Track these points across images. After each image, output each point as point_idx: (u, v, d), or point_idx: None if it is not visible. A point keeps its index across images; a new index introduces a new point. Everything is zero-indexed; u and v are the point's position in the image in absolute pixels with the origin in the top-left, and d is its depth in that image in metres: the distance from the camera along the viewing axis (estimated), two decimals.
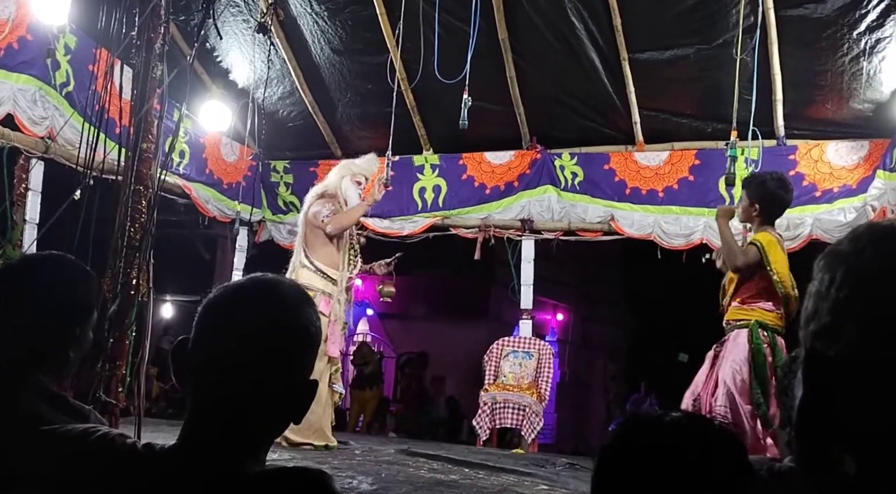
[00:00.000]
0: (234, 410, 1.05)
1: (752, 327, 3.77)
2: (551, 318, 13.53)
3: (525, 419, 6.21)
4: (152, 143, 3.16)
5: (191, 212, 7.11)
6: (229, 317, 1.08)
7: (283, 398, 1.07)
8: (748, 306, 3.85)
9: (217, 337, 1.07)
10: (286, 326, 1.08)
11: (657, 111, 6.40)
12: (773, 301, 3.82)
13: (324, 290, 4.80)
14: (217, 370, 1.06)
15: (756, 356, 3.73)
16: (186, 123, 6.53)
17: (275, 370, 1.06)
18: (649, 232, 6.42)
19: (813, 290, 0.70)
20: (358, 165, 5.22)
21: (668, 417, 0.94)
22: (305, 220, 4.98)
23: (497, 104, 6.61)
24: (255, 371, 1.05)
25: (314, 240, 4.93)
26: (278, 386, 1.06)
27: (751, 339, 3.76)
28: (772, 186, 3.89)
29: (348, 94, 6.98)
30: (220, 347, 1.06)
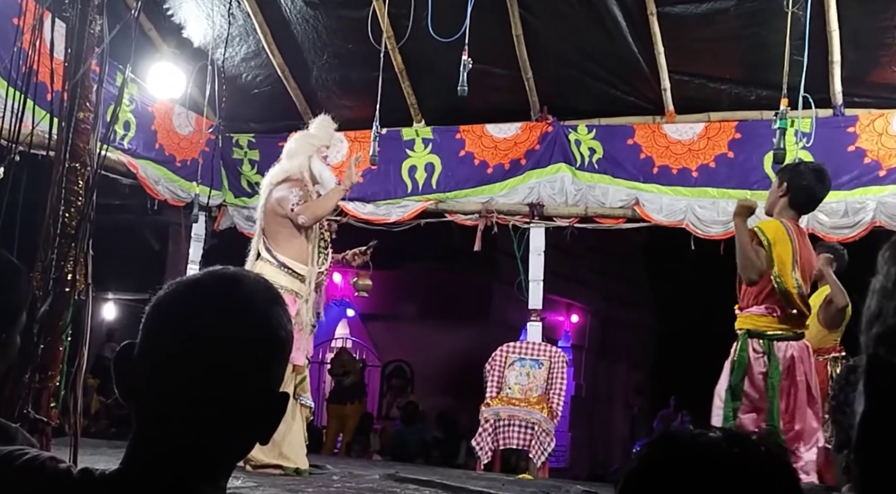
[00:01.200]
0: (189, 429, 1.04)
1: (742, 337, 4.06)
2: (564, 320, 13.55)
3: (534, 439, 6.22)
4: (90, 112, 3.14)
5: (137, 194, 7.09)
6: (183, 319, 1.07)
7: (248, 415, 1.06)
8: (744, 313, 4.13)
9: (169, 343, 1.06)
10: (252, 329, 1.07)
11: (690, 75, 6.39)
12: (769, 301, 4.04)
13: (289, 288, 4.81)
14: (168, 381, 1.05)
15: (736, 370, 4.02)
16: (132, 88, 6.49)
17: (238, 382, 1.05)
18: (681, 219, 6.42)
19: (877, 286, 0.68)
20: (317, 137, 5.19)
21: (705, 437, 0.93)
22: (266, 208, 4.98)
23: (501, 68, 6.59)
24: (214, 383, 1.04)
25: (277, 231, 4.94)
26: (243, 400, 1.06)
27: (736, 349, 4.06)
28: (807, 173, 4.10)
29: (325, 55, 6.95)
30: (173, 354, 1.05)
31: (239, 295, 1.09)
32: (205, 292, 1.10)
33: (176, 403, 1.04)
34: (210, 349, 1.04)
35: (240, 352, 1.06)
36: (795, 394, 3.97)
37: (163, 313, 1.09)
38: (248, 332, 1.07)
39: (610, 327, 14.45)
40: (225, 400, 1.05)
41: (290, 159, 5.10)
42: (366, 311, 11.57)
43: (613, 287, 14.26)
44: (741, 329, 4.11)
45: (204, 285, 1.11)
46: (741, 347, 4.05)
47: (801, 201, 4.11)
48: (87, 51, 3.14)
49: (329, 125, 5.27)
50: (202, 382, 1.04)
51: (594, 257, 13.26)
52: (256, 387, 1.07)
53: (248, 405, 1.06)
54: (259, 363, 1.07)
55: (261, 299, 1.10)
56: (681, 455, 0.92)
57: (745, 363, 4.01)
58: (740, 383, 4.00)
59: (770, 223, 4.06)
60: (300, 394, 4.92)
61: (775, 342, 4.01)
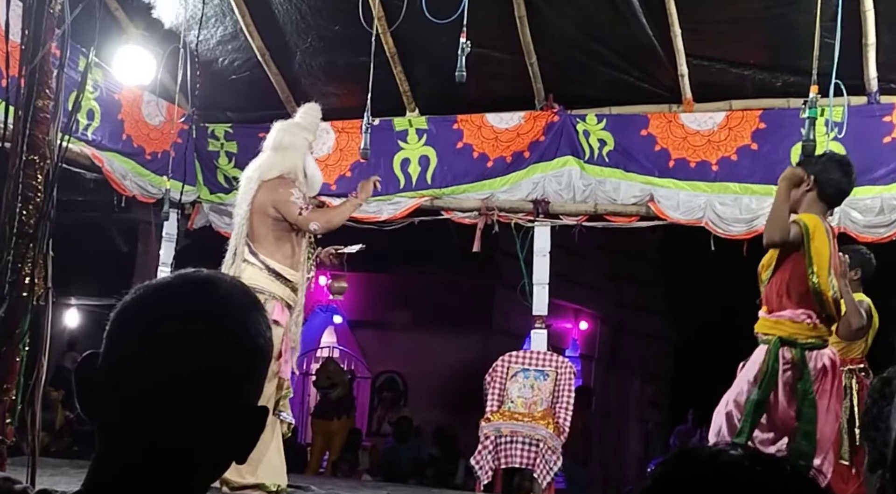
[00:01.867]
0: (158, 447, 1.04)
1: (773, 345, 4.00)
2: (572, 327, 13.57)
3: (539, 458, 6.23)
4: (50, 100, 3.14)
5: (103, 190, 7.08)
6: (152, 326, 1.07)
7: (223, 431, 1.06)
8: (773, 317, 4.08)
9: (135, 353, 1.06)
10: (228, 337, 1.07)
11: (710, 60, 6.39)
12: (805, 304, 4.01)
13: (279, 295, 4.83)
14: (135, 395, 1.05)
15: (767, 381, 3.97)
16: (96, 74, 6.48)
17: (213, 395, 1.05)
18: (699, 216, 6.43)
19: None
20: (309, 130, 5.22)
21: (725, 455, 0.93)
22: (254, 206, 4.96)
23: (502, 52, 6.59)
24: (186, 397, 1.04)
25: (265, 233, 4.92)
26: (217, 415, 1.05)
27: (766, 361, 3.99)
28: (833, 165, 4.13)
29: (309, 38, 6.94)
30: (140, 365, 1.05)
31: (214, 300, 1.09)
32: (176, 296, 1.10)
33: (143, 418, 1.04)
34: (181, 358, 1.04)
35: (214, 362, 1.05)
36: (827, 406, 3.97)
37: (129, 320, 1.09)
38: (224, 340, 1.06)
39: (622, 334, 14.47)
40: (198, 415, 1.04)
41: (282, 154, 5.08)
42: (354, 317, 11.58)
43: (626, 291, 14.28)
44: (769, 335, 4.06)
45: (175, 289, 1.11)
46: (773, 356, 3.98)
47: (830, 195, 4.12)
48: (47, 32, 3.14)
49: (317, 114, 5.29)
50: (172, 395, 1.03)
51: (604, 259, 13.28)
52: (232, 401, 1.06)
53: (223, 421, 1.05)
54: (235, 375, 1.07)
55: (238, 304, 1.10)
56: (699, 473, 0.92)
57: (777, 374, 3.97)
58: (768, 395, 3.96)
59: (809, 216, 4.03)
60: (281, 410, 4.92)
61: (807, 352, 3.98)
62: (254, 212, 4.94)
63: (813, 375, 3.96)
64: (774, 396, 3.99)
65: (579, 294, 12.75)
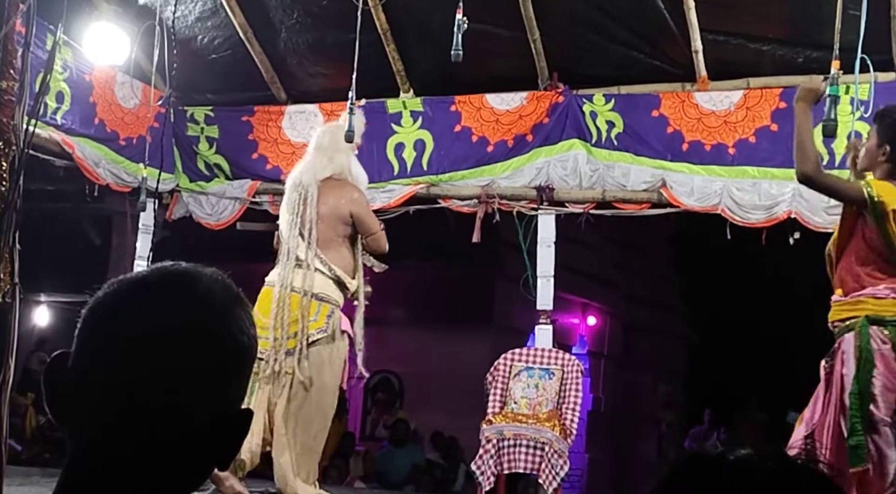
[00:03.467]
0: (134, 454, 1.04)
1: (861, 325, 3.83)
2: (580, 323, 13.61)
3: (544, 462, 6.24)
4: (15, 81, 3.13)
5: (74, 178, 7.07)
6: (126, 323, 1.07)
7: (204, 436, 1.06)
8: (852, 298, 3.92)
9: (109, 352, 1.06)
10: (208, 334, 1.07)
11: (727, 35, 6.39)
12: (886, 278, 3.88)
13: (340, 303, 5.20)
14: (108, 397, 1.04)
15: (863, 366, 3.79)
16: (66, 53, 6.46)
17: (193, 397, 1.05)
18: (715, 203, 6.43)
19: None
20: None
21: (735, 455, 0.93)
22: (328, 210, 5.18)
23: (503, 28, 6.59)
24: (164, 399, 1.04)
25: (332, 237, 5.20)
26: (198, 419, 1.05)
27: (858, 345, 3.82)
28: None
29: (295, 14, 6.94)
30: (113, 365, 1.05)
31: (193, 295, 1.09)
32: (152, 292, 1.10)
33: (117, 422, 1.04)
34: (157, 358, 1.04)
35: (193, 362, 1.05)
36: None
37: (102, 317, 1.08)
38: (204, 338, 1.06)
39: (633, 330, 14.51)
40: (176, 419, 1.04)
41: (329, 154, 5.33)
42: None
43: (636, 284, 14.31)
44: (853, 318, 3.89)
45: (151, 283, 1.11)
46: (864, 338, 3.81)
47: None
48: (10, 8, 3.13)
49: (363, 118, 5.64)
50: (148, 398, 1.03)
51: (614, 250, 13.31)
52: (213, 403, 1.06)
53: (203, 425, 1.05)
54: (216, 375, 1.07)
55: (219, 299, 1.10)
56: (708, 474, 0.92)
57: (873, 356, 3.78)
58: (869, 381, 3.76)
59: (881, 183, 3.92)
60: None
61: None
62: (322, 216, 5.16)
63: None
64: (886, 381, 3.79)
65: (587, 288, 12.77)
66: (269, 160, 7.46)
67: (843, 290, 3.98)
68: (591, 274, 12.61)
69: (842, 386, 3.86)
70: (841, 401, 3.84)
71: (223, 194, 7.57)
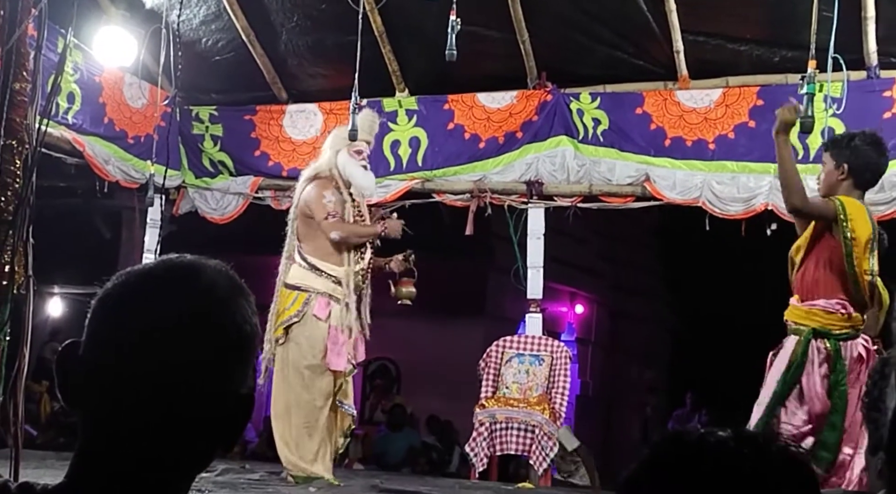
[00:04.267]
0: (141, 436, 1.04)
1: (804, 337, 3.97)
2: (568, 311, 13.60)
3: (534, 444, 6.25)
4: (27, 82, 3.11)
5: (85, 176, 7.05)
6: (134, 313, 1.07)
7: (207, 420, 1.06)
8: (806, 306, 4.04)
9: (117, 341, 1.06)
10: (212, 324, 1.07)
11: (707, 35, 6.38)
12: (840, 293, 3.98)
13: (322, 290, 5.14)
14: (117, 384, 1.05)
15: (792, 371, 3.94)
16: (76, 56, 6.44)
17: (197, 383, 1.05)
18: (696, 196, 6.43)
19: None
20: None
21: (714, 437, 0.94)
22: (299, 205, 5.31)
23: (494, 30, 6.57)
24: (169, 385, 1.04)
25: (306, 231, 5.28)
26: (202, 404, 1.06)
27: (795, 351, 3.96)
28: (865, 149, 4.09)
29: (295, 17, 6.92)
30: (122, 353, 1.05)
31: (197, 286, 1.09)
32: (158, 283, 1.10)
33: (126, 407, 1.04)
34: (164, 346, 1.04)
35: (198, 349, 1.05)
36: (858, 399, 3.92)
37: (110, 307, 1.08)
38: (208, 326, 1.06)
39: (619, 318, 14.51)
40: (182, 403, 1.04)
41: (323, 155, 5.44)
42: None
43: (622, 274, 14.32)
44: (801, 325, 4.02)
45: (157, 275, 1.11)
46: (802, 347, 3.94)
47: (866, 180, 4.12)
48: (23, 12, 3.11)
49: (371, 118, 5.57)
50: (155, 383, 1.03)
51: (600, 241, 13.30)
52: (217, 389, 1.07)
53: (207, 409, 1.06)
54: (220, 362, 1.07)
55: (222, 290, 1.10)
56: (685, 456, 0.93)
57: (804, 365, 3.93)
58: (792, 386, 3.93)
59: (849, 200, 4.01)
60: (340, 400, 5.26)
61: (842, 343, 3.95)
62: (298, 212, 5.31)
63: (848, 365, 3.92)
64: (810, 388, 3.94)
65: (575, 278, 12.76)
66: (271, 157, 7.45)
67: (799, 296, 4.08)
68: (579, 265, 12.60)
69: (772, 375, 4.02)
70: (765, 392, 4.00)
71: (227, 190, 7.56)
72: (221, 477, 5.19)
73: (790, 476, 0.91)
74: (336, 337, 5.13)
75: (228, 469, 5.48)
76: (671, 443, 0.96)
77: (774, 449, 0.94)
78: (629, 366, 14.96)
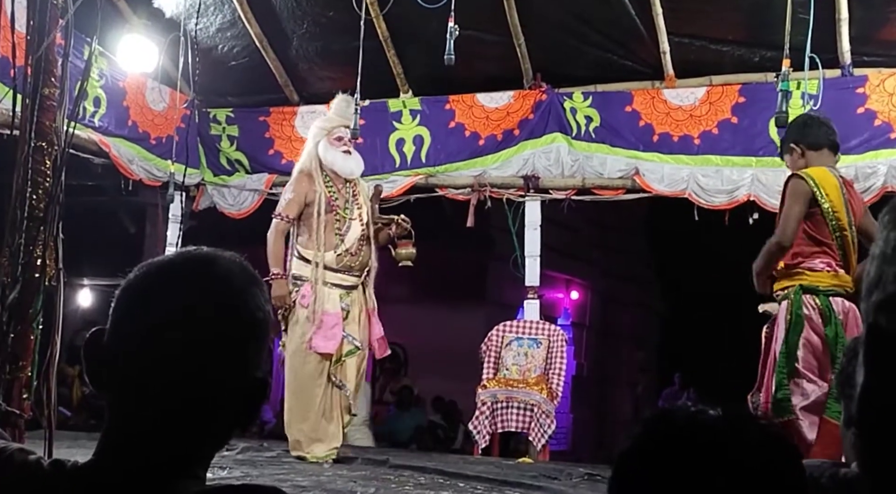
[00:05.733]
0: (163, 417, 1.05)
1: (794, 293, 3.82)
2: (564, 297, 13.60)
3: (533, 422, 6.26)
4: (56, 88, 3.11)
5: (111, 175, 7.06)
6: (155, 302, 1.07)
7: (224, 401, 1.06)
8: (792, 270, 3.91)
9: (139, 327, 1.07)
10: (227, 311, 1.07)
11: (691, 37, 6.36)
12: (826, 254, 3.87)
13: (307, 277, 5.10)
14: (140, 367, 1.05)
15: (792, 329, 3.78)
16: (101, 62, 6.45)
17: (214, 367, 1.06)
18: (683, 188, 6.43)
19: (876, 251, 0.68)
20: (329, 119, 5.41)
21: (702, 415, 0.94)
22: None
23: (491, 34, 6.56)
24: (188, 369, 1.05)
25: (303, 222, 5.25)
26: (218, 386, 1.06)
27: (790, 308, 3.80)
28: (800, 119, 4.14)
29: (304, 24, 6.91)
30: (144, 339, 1.05)
31: (213, 276, 1.09)
32: (177, 273, 1.10)
33: (148, 389, 1.05)
34: (182, 332, 1.04)
35: (215, 335, 1.06)
36: None
37: (133, 296, 1.09)
38: (223, 314, 1.07)
39: (612, 303, 14.51)
40: (199, 386, 1.05)
41: (304, 151, 5.39)
42: None
43: (614, 262, 14.30)
44: (789, 286, 3.87)
45: (176, 266, 1.11)
46: (795, 304, 3.78)
47: (813, 142, 4.02)
48: (51, 22, 3.10)
49: (346, 104, 5.47)
50: (175, 367, 1.04)
51: (593, 231, 13.29)
52: (232, 372, 1.07)
53: (223, 391, 1.06)
54: (235, 346, 1.07)
55: (237, 279, 1.10)
56: (676, 435, 0.93)
57: (803, 320, 3.77)
58: (796, 343, 3.75)
59: (814, 170, 3.92)
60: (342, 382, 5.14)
61: (832, 299, 3.79)
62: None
63: (841, 320, 3.75)
64: (810, 346, 3.78)
65: (570, 266, 12.76)
66: (284, 156, 7.44)
67: (783, 263, 3.96)
68: (574, 254, 12.59)
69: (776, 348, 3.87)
70: (774, 360, 3.85)
71: (243, 187, 7.56)
72: (241, 455, 5.21)
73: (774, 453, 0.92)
74: (324, 321, 5.03)
75: (248, 448, 5.50)
76: (661, 420, 0.96)
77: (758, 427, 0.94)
78: (621, 348, 14.96)
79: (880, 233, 0.69)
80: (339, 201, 5.27)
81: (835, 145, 4.09)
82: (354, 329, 5.18)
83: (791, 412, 3.71)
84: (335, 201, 5.24)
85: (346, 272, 5.19)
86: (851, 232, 3.90)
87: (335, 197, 5.25)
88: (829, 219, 3.85)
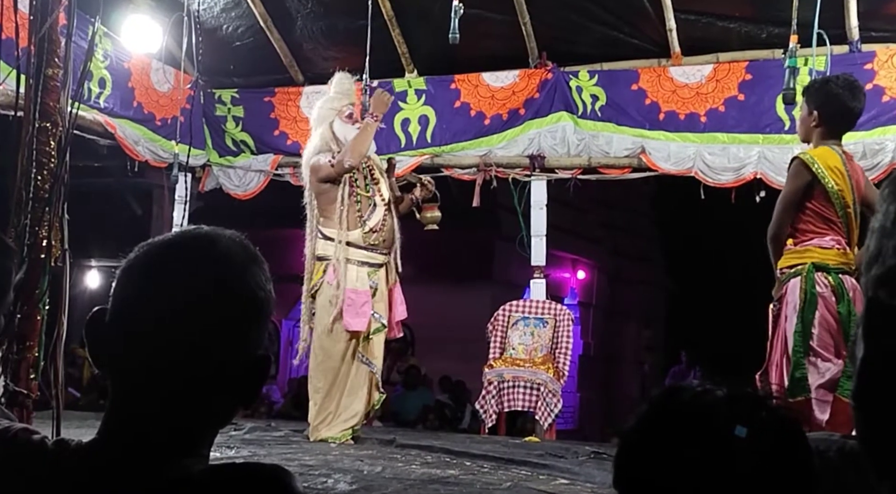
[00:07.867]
0: (165, 395, 1.04)
1: (807, 270, 3.77)
2: (570, 277, 13.60)
3: (540, 401, 6.28)
4: (59, 68, 3.10)
5: (116, 156, 7.05)
6: (155, 281, 1.07)
7: (225, 379, 1.06)
8: (801, 247, 3.87)
9: (140, 306, 1.06)
10: (228, 290, 1.07)
11: (697, 14, 6.31)
12: (833, 232, 3.84)
13: (331, 256, 5.09)
14: (141, 346, 1.05)
15: (807, 307, 3.74)
16: (106, 43, 6.43)
17: (215, 345, 1.05)
18: (689, 166, 6.40)
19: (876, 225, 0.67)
20: (336, 98, 5.34)
21: (709, 393, 0.93)
22: (313, 189, 5.24)
23: (496, 12, 6.52)
24: (189, 347, 1.04)
25: (324, 206, 5.21)
26: (219, 364, 1.06)
27: (804, 287, 3.76)
28: (835, 88, 3.91)
29: (309, 3, 6.87)
30: (145, 318, 1.05)
31: (214, 255, 1.08)
32: (177, 252, 1.10)
33: (150, 369, 1.04)
34: (184, 311, 1.04)
35: (215, 313, 1.05)
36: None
37: (133, 275, 1.09)
38: (224, 292, 1.06)
39: (618, 282, 14.52)
40: (201, 364, 1.04)
41: (317, 131, 5.31)
42: None
43: (621, 241, 14.30)
44: (799, 264, 3.81)
45: (176, 245, 1.11)
46: (809, 282, 3.73)
47: (833, 121, 3.92)
48: (54, 2, 3.10)
49: (347, 81, 5.42)
50: (176, 346, 1.04)
51: (600, 210, 13.28)
52: (234, 350, 1.07)
53: (225, 369, 1.06)
54: (236, 325, 1.07)
55: (237, 258, 1.10)
56: (681, 413, 0.93)
57: (817, 297, 3.71)
58: (811, 321, 3.70)
59: (818, 152, 3.86)
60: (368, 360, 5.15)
61: (842, 277, 3.75)
62: (312, 191, 5.26)
63: (853, 296, 3.70)
64: (825, 323, 3.73)
65: (576, 245, 12.76)
66: (290, 136, 7.43)
67: (792, 240, 3.91)
68: (580, 233, 12.59)
69: (787, 326, 3.82)
70: (786, 340, 3.80)
71: (249, 168, 7.56)
72: (249, 435, 5.24)
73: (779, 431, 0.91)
74: (353, 299, 5.05)
75: (255, 428, 5.53)
76: (667, 398, 0.96)
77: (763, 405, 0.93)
78: (628, 327, 14.98)
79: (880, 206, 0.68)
80: (359, 179, 5.26)
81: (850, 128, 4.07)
82: (381, 308, 5.22)
83: (808, 390, 3.69)
84: (355, 180, 5.24)
85: (373, 250, 5.20)
86: (854, 209, 3.88)
87: (354, 176, 5.24)
88: (835, 199, 3.83)
